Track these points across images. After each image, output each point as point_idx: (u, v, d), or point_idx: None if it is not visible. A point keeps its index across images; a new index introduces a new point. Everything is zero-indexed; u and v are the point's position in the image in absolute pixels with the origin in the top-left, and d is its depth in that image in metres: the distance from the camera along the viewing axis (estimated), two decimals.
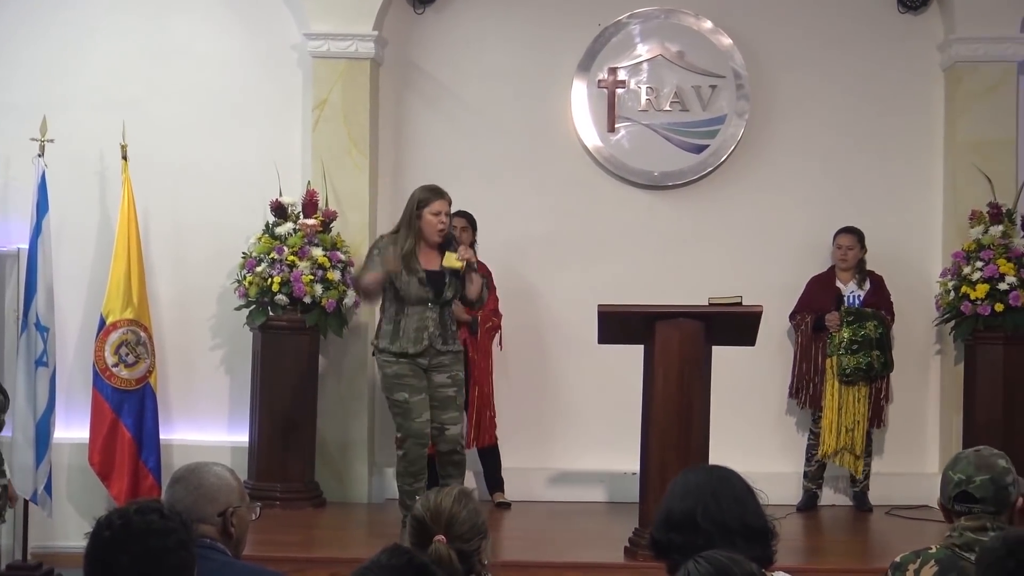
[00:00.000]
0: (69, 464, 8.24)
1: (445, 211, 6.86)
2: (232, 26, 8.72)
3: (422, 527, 3.33)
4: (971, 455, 3.70)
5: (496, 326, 8.29)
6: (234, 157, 8.61)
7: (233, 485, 3.66)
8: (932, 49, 8.77)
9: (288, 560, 6.56)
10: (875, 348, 8.17)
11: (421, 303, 6.86)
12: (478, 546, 3.35)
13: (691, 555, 2.85)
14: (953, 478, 3.66)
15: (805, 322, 8.39)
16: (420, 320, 6.87)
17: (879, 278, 8.42)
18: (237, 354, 8.55)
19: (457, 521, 3.31)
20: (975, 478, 3.62)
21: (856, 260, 8.40)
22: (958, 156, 8.58)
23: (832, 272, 8.47)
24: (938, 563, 3.58)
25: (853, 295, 8.35)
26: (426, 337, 6.86)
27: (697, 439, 6.64)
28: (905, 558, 3.67)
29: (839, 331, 8.21)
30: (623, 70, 8.77)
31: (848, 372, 8.16)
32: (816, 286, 8.46)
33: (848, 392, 8.23)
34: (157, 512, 2.75)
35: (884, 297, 8.38)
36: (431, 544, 3.27)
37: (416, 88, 8.86)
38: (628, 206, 8.82)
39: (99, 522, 2.74)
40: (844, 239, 8.40)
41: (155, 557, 2.68)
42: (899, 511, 8.23)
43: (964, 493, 3.63)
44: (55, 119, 7.98)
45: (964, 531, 3.61)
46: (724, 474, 3.33)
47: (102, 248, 8.41)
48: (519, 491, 8.48)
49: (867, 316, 8.22)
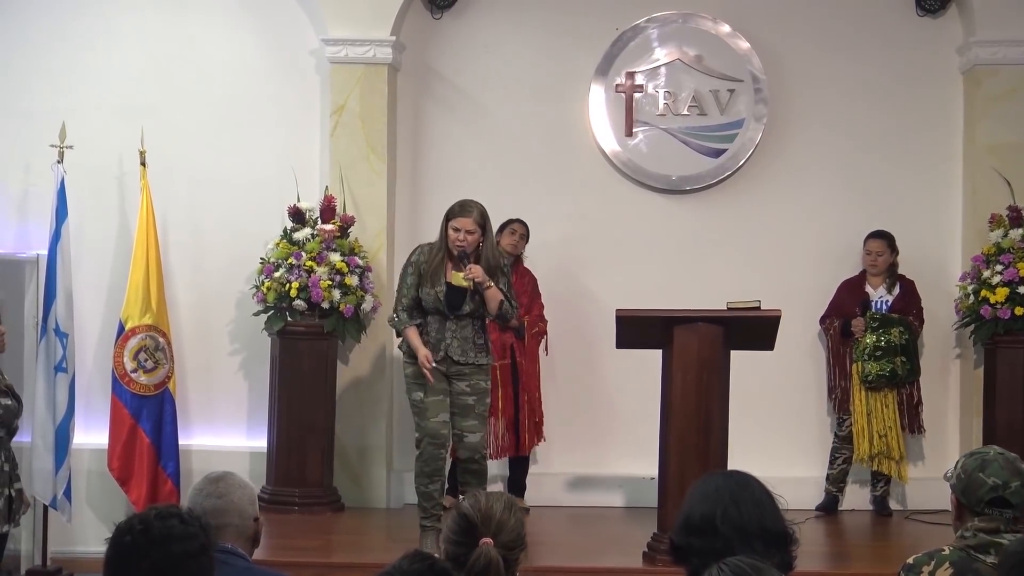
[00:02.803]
0: (88, 469, 8.26)
1: (466, 228, 6.79)
2: (250, 32, 8.74)
3: (469, 527, 3.28)
4: (1000, 460, 3.68)
5: (542, 331, 8.27)
6: (252, 163, 8.63)
7: (255, 495, 3.80)
8: (951, 52, 8.75)
9: (307, 565, 6.58)
10: (900, 354, 8.13)
11: (439, 315, 6.87)
12: (517, 556, 3.34)
13: (711, 559, 2.84)
14: (986, 482, 3.64)
15: (833, 327, 8.37)
16: (439, 331, 6.88)
17: (910, 283, 8.38)
18: (255, 359, 8.56)
19: (506, 528, 3.29)
20: (1011, 484, 3.62)
21: (886, 265, 8.35)
22: (977, 159, 8.55)
23: (863, 276, 8.44)
24: (952, 565, 3.57)
25: (881, 300, 8.31)
26: (443, 348, 6.87)
27: (716, 444, 6.63)
28: (918, 560, 3.65)
29: (864, 336, 8.18)
30: (641, 74, 8.76)
31: (871, 378, 8.13)
32: (845, 290, 8.43)
33: (875, 398, 8.20)
34: (177, 517, 2.76)
35: (914, 302, 8.34)
36: (477, 546, 3.24)
37: (434, 93, 8.86)
38: (646, 210, 8.81)
39: (119, 527, 2.74)
40: (873, 244, 8.37)
41: (175, 562, 2.69)
42: (919, 515, 8.20)
43: (1000, 499, 3.62)
44: (74, 125, 8.00)
45: (978, 532, 3.60)
46: (743, 479, 3.32)
47: (121, 254, 8.43)
48: (538, 495, 8.47)
49: (893, 322, 8.19)
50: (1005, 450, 3.76)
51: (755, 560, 2.79)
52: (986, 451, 3.75)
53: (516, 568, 3.34)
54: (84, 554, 7.87)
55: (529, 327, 8.14)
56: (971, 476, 3.68)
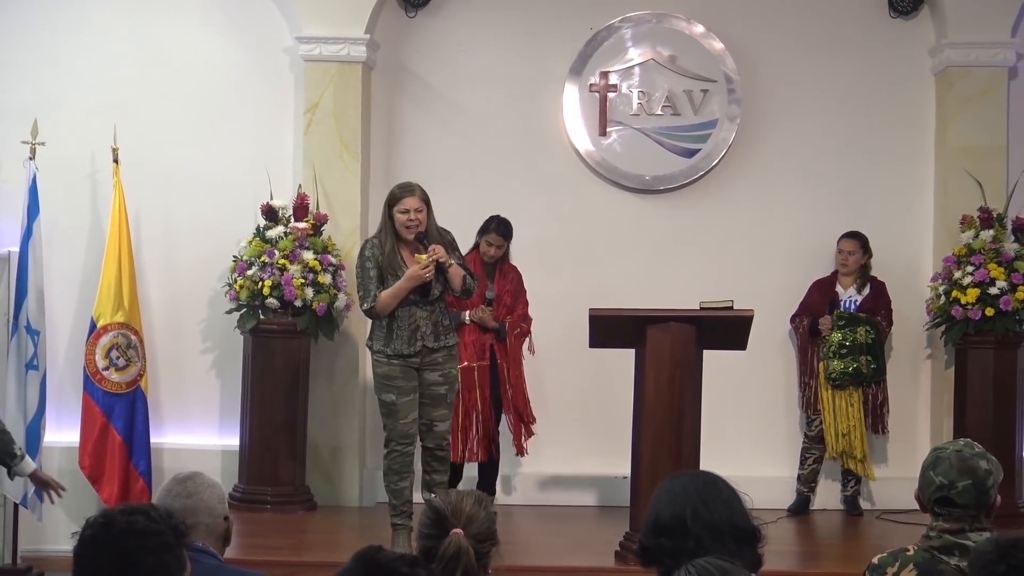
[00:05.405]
0: (59, 468, 8.18)
1: (414, 207, 6.77)
2: (224, 29, 8.71)
3: (440, 519, 3.31)
4: (953, 457, 3.62)
5: (525, 332, 8.16)
6: (225, 160, 8.61)
7: (224, 494, 3.80)
8: (923, 54, 8.79)
9: (279, 564, 6.57)
10: (865, 353, 8.18)
11: (409, 303, 6.84)
12: (488, 550, 3.35)
13: (682, 559, 2.84)
14: (934, 480, 3.62)
15: (802, 325, 8.41)
16: (411, 320, 6.85)
17: (881, 284, 8.43)
18: (228, 358, 8.54)
19: (476, 520, 3.31)
20: (957, 484, 3.58)
21: (857, 265, 8.40)
22: (949, 161, 8.60)
23: (834, 276, 8.49)
24: (916, 567, 3.54)
25: (851, 300, 8.36)
26: (419, 337, 6.85)
27: (688, 443, 6.65)
28: (883, 560, 3.63)
29: (830, 335, 8.22)
30: (615, 74, 8.78)
31: (835, 376, 8.18)
32: (816, 290, 8.48)
33: (840, 397, 8.25)
34: (143, 514, 2.74)
35: (883, 303, 8.39)
36: (447, 536, 3.25)
37: (408, 92, 8.86)
38: (619, 210, 8.83)
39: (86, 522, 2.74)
40: (846, 243, 8.42)
41: (136, 557, 2.67)
42: (890, 515, 8.24)
43: (946, 498, 3.61)
44: (46, 122, 7.97)
45: (943, 533, 3.59)
46: (710, 478, 3.33)
47: (93, 251, 8.39)
48: (510, 495, 8.49)
49: (860, 321, 8.23)
50: (973, 443, 3.70)
51: (723, 560, 2.79)
52: (946, 446, 3.69)
53: (488, 563, 3.35)
54: (55, 552, 7.83)
55: (511, 328, 8.04)
56: (924, 473, 3.66)
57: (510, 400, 8.05)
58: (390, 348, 6.87)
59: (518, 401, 8.09)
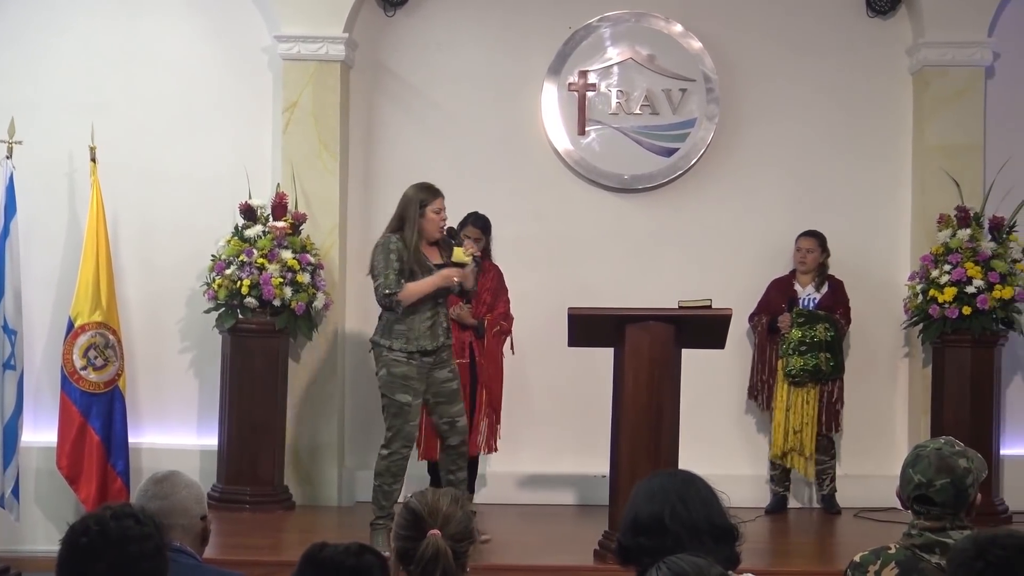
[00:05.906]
0: (37, 468, 8.19)
1: (444, 207, 6.97)
2: (202, 28, 8.69)
3: (416, 520, 3.31)
4: (932, 456, 3.66)
5: (505, 330, 8.09)
6: (204, 159, 8.59)
7: (202, 494, 3.79)
8: (901, 54, 8.82)
9: (257, 563, 6.54)
10: (824, 350, 8.21)
11: (433, 298, 6.88)
12: (466, 549, 3.35)
13: (660, 558, 2.85)
14: (913, 478, 3.65)
15: (761, 323, 8.43)
16: (433, 316, 6.89)
17: (839, 282, 8.47)
18: (206, 357, 8.52)
19: (453, 520, 3.31)
20: (935, 482, 3.61)
21: (816, 263, 8.44)
22: (926, 160, 8.63)
23: (792, 275, 8.52)
24: (898, 565, 3.57)
25: (809, 298, 8.40)
26: (441, 332, 6.91)
27: (667, 441, 6.65)
28: (865, 558, 3.65)
29: (790, 332, 8.25)
30: (593, 73, 8.79)
31: (794, 373, 8.21)
32: (774, 288, 8.51)
33: (797, 394, 8.28)
34: (133, 518, 2.74)
35: (841, 301, 8.42)
36: (424, 537, 3.26)
37: (386, 91, 8.85)
38: (598, 209, 8.83)
39: (74, 528, 2.72)
40: (804, 242, 8.46)
41: (131, 563, 2.67)
42: (868, 513, 8.26)
43: (924, 496, 3.63)
44: (23, 121, 7.93)
45: (924, 531, 3.61)
46: (687, 476, 3.34)
47: (70, 251, 8.36)
48: (489, 494, 8.48)
49: (818, 318, 8.26)
50: (955, 441, 3.73)
51: (697, 558, 2.80)
52: (927, 444, 3.73)
53: (466, 562, 3.35)
54: (32, 553, 7.79)
55: (490, 326, 7.99)
56: (904, 471, 3.70)
57: (482, 398, 8.03)
58: (413, 345, 6.83)
59: (492, 398, 8.09)
